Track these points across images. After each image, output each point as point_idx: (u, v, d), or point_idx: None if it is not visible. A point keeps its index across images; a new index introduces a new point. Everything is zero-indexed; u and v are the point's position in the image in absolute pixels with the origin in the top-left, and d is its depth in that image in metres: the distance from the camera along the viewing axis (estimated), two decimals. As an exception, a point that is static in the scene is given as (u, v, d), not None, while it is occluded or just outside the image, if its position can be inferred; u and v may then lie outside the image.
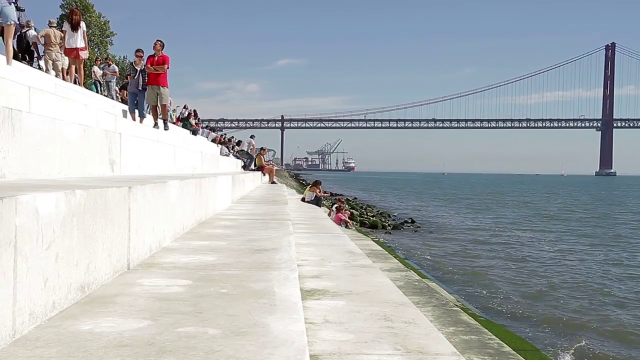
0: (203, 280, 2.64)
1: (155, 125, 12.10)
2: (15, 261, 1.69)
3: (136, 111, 12.51)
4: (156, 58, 12.42)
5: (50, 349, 1.63)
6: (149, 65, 12.32)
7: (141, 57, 12.68)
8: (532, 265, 16.01)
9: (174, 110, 25.46)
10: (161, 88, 12.45)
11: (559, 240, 22.32)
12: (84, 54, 13.17)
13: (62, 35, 14.41)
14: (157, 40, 12.52)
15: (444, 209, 40.79)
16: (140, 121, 11.91)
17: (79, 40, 12.63)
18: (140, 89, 12.35)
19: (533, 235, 23.94)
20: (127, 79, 15.09)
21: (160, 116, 13.29)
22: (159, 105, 12.65)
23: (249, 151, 22.63)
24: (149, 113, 12.91)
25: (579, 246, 20.52)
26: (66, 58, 14.63)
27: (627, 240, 22.74)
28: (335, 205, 17.86)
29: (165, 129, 12.42)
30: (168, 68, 12.53)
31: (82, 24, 12.87)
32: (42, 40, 14.26)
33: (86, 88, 15.01)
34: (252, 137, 24.53)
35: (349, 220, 17.78)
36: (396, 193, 69.76)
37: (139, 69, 12.44)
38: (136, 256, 2.97)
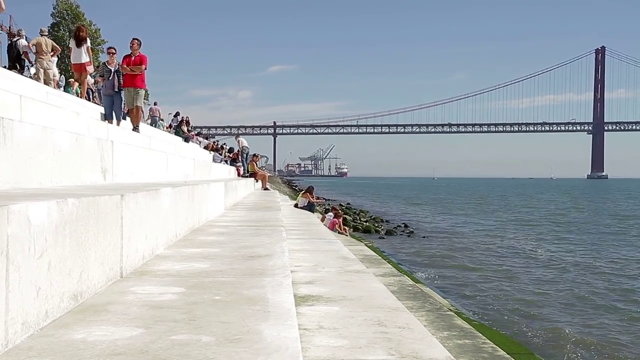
0: (196, 288, 2.63)
1: (134, 128, 11.54)
2: (7, 270, 1.69)
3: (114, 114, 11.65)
4: (133, 58, 11.64)
5: (43, 359, 1.63)
6: (125, 66, 11.54)
7: (114, 55, 11.96)
8: (524, 268, 16.06)
9: (162, 120, 25.47)
10: (137, 90, 11.73)
11: (550, 243, 22.41)
12: (90, 69, 13.72)
13: (54, 44, 14.55)
14: (134, 39, 11.74)
15: (436, 213, 40.89)
16: (117, 124, 11.25)
17: (83, 55, 13.05)
18: (117, 90, 11.60)
19: (524, 238, 24.01)
20: (100, 80, 14.08)
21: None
22: (134, 107, 11.91)
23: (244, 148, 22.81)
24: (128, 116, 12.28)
25: (571, 250, 20.60)
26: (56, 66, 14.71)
27: (611, 244, 22.85)
28: (331, 213, 17.82)
29: (136, 131, 11.44)
30: (146, 69, 11.78)
31: (87, 40, 13.21)
32: (33, 49, 14.28)
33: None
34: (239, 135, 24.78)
35: (344, 229, 17.69)
36: (388, 198, 69.86)
37: (112, 69, 11.66)
38: (129, 264, 2.97)
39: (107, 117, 11.59)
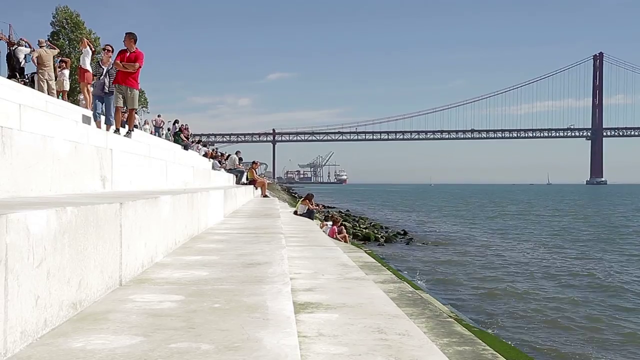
0: (195, 295, 2.63)
1: (117, 131, 10.50)
2: (7, 279, 1.69)
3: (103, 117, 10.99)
4: (128, 54, 10.56)
5: (42, 367, 1.62)
6: (118, 62, 10.51)
7: (110, 53, 11.13)
8: (523, 275, 16.03)
9: (168, 129, 25.50)
10: (130, 89, 10.67)
11: (551, 249, 22.38)
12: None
13: (57, 54, 14.71)
14: (127, 33, 10.58)
15: (434, 219, 40.88)
16: (107, 128, 10.54)
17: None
18: (107, 91, 10.80)
19: (525, 244, 23.99)
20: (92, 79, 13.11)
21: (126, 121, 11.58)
22: (125, 109, 10.91)
23: (234, 167, 22.80)
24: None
25: (572, 254, 20.57)
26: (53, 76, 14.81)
27: (619, 249, 22.83)
28: (330, 222, 17.74)
29: (127, 136, 10.39)
30: (140, 67, 10.72)
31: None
32: (35, 61, 14.38)
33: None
34: (236, 153, 24.68)
35: (344, 237, 17.57)
36: (387, 204, 69.87)
37: (105, 69, 10.91)
38: (128, 272, 2.96)
39: (95, 120, 10.93)
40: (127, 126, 11.25)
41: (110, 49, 11.42)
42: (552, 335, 9.55)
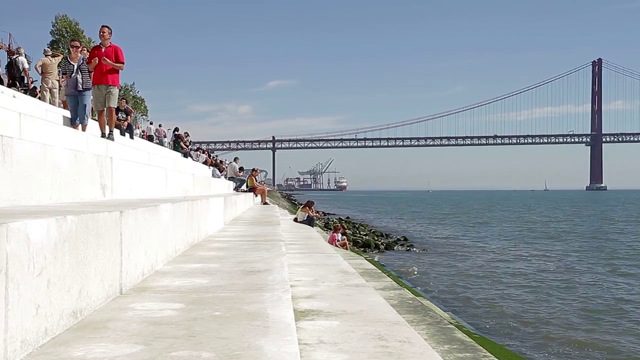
0: (196, 303, 2.63)
1: (104, 135, 9.74)
2: (7, 288, 1.69)
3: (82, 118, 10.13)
4: (104, 49, 9.76)
5: (42, 377, 1.62)
6: (99, 59, 9.70)
7: (78, 49, 10.43)
8: (524, 280, 16.01)
9: (169, 136, 25.47)
10: (110, 87, 9.85)
11: (552, 255, 22.36)
12: None
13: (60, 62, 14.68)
14: (103, 26, 9.83)
15: (434, 226, 40.88)
16: (83, 129, 9.74)
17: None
18: (80, 89, 10.06)
19: (524, 250, 23.97)
20: (63, 78, 12.00)
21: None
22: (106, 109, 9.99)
23: (235, 175, 22.76)
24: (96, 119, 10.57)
25: (573, 261, 20.55)
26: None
27: (622, 257, 22.82)
28: (340, 232, 17.69)
29: (110, 139, 9.56)
30: (122, 62, 9.90)
31: None
32: (39, 70, 14.41)
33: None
34: (235, 160, 24.61)
35: (344, 244, 17.53)
36: (387, 211, 69.88)
37: (76, 65, 10.13)
38: (128, 280, 2.96)
39: (72, 121, 10.13)
40: (107, 128, 10.27)
41: (77, 44, 10.80)
42: (553, 342, 9.53)
